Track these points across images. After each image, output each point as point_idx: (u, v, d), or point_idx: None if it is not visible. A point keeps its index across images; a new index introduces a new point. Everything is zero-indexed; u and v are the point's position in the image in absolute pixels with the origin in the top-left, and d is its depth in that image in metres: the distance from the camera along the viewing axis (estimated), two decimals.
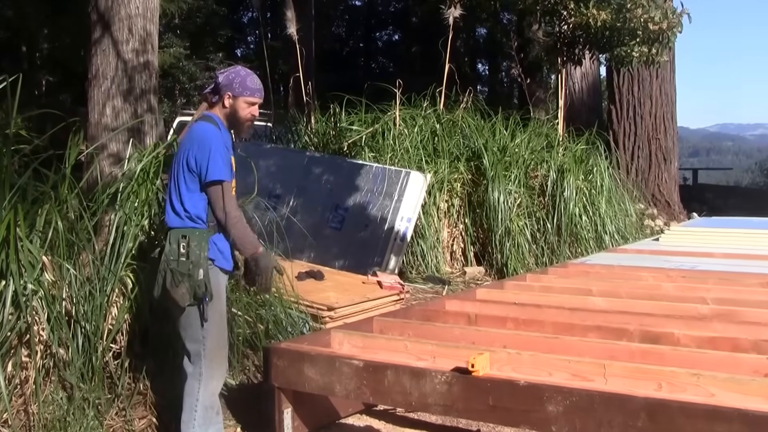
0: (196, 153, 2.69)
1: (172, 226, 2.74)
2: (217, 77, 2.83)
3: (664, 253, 5.08)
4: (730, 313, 3.23)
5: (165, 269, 2.70)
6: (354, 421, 3.23)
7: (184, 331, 2.78)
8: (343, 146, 7.17)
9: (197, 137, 2.73)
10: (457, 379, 2.38)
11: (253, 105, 2.82)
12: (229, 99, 2.78)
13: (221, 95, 2.79)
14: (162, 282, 2.71)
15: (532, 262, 6.77)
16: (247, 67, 2.95)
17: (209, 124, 2.76)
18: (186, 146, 2.75)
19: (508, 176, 6.95)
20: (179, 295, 2.67)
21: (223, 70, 2.87)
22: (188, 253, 2.67)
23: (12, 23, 13.14)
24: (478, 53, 23.09)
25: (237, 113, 2.80)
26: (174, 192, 2.75)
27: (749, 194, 15.20)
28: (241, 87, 2.78)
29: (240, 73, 2.81)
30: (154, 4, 4.92)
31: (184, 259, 2.67)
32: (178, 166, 2.75)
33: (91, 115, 4.78)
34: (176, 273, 2.67)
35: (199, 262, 2.68)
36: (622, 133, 10.54)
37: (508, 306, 3.49)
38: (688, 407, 2.09)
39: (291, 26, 7.53)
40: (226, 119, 2.82)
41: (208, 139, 2.70)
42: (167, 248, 2.71)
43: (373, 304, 4.82)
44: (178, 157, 2.76)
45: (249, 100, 2.80)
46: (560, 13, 6.99)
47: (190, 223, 2.72)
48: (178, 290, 2.66)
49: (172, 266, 2.68)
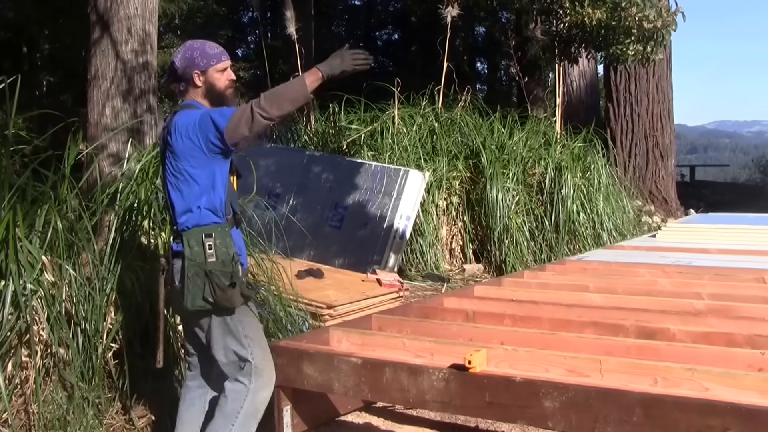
0: (195, 129, 2.43)
1: (188, 226, 2.47)
2: (172, 63, 2.56)
3: (661, 249, 5.09)
4: (725, 308, 3.24)
5: (197, 274, 2.42)
6: (353, 418, 3.24)
7: (221, 342, 2.53)
8: (342, 145, 7.20)
9: (187, 121, 2.46)
10: (454, 375, 2.39)
11: (225, 70, 2.57)
12: (199, 77, 2.53)
13: (188, 78, 2.54)
14: (201, 289, 2.42)
15: (531, 259, 6.80)
16: (246, 67, 2.90)
17: (192, 110, 2.51)
18: (180, 134, 2.46)
19: (506, 174, 6.98)
20: (230, 297, 2.43)
21: (176, 54, 2.58)
22: (216, 252, 2.44)
23: (12, 24, 13.14)
24: (476, 52, 23.09)
25: (214, 87, 2.55)
26: (179, 191, 2.49)
27: (746, 190, 15.22)
28: (204, 58, 2.52)
29: (194, 46, 2.55)
30: (153, 5, 4.94)
31: (213, 259, 2.43)
32: (179, 162, 2.48)
33: (90, 116, 4.81)
34: (216, 275, 2.41)
35: (229, 259, 2.47)
36: (620, 130, 10.56)
37: (505, 303, 3.50)
38: (682, 402, 2.09)
39: (291, 26, 7.54)
40: (205, 99, 2.56)
41: (195, 112, 2.48)
42: (188, 252, 2.44)
43: (372, 301, 4.84)
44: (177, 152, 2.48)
45: (219, 68, 2.54)
46: (556, 12, 7.01)
47: (210, 218, 2.48)
48: (227, 293, 2.42)
49: (209, 268, 2.41)
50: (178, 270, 2.51)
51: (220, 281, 2.42)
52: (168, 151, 2.52)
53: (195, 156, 2.46)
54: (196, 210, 2.48)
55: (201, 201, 2.48)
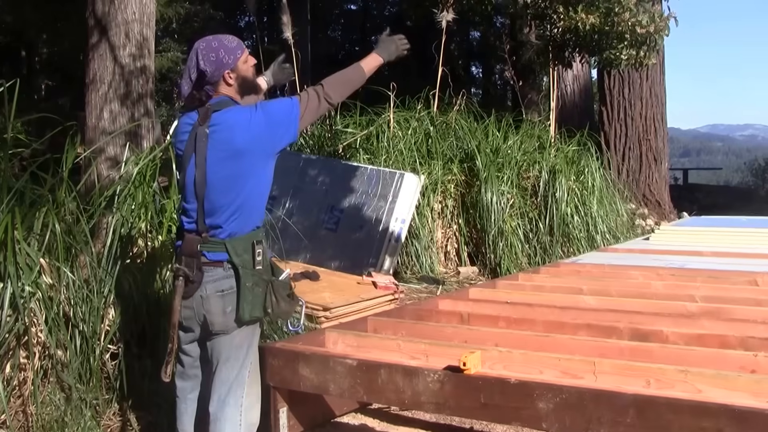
0: (263, 126, 2.35)
1: (236, 232, 2.36)
2: (203, 71, 2.38)
3: (655, 252, 5.12)
4: (718, 310, 3.26)
5: (257, 284, 2.35)
6: (349, 420, 3.26)
7: (243, 357, 2.45)
8: (338, 148, 7.22)
9: (248, 117, 2.36)
10: (449, 377, 2.41)
11: (248, 59, 2.49)
12: (230, 75, 2.41)
13: (219, 80, 2.41)
14: (261, 299, 2.36)
15: (525, 262, 6.83)
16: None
17: (240, 106, 2.42)
18: (241, 131, 2.34)
19: (500, 177, 7.01)
20: (288, 309, 2.43)
21: (195, 60, 2.40)
22: (263, 259, 2.37)
23: (11, 28, 13.14)
24: (471, 56, 23.15)
25: (245, 78, 2.46)
26: (233, 193, 2.36)
27: (738, 193, 15.29)
28: (229, 54, 2.41)
29: (212, 45, 2.40)
30: (150, 10, 4.97)
31: (261, 267, 2.36)
32: (238, 161, 2.34)
33: (88, 119, 4.83)
34: (278, 286, 2.38)
35: (268, 266, 2.41)
36: (613, 134, 10.61)
37: (500, 305, 3.52)
38: (675, 403, 2.11)
39: (287, 30, 7.57)
40: (238, 93, 2.47)
41: (251, 108, 2.39)
42: (237, 260, 2.33)
43: (367, 304, 4.86)
44: (239, 151, 2.34)
45: (243, 59, 2.45)
46: (550, 16, 7.06)
47: (257, 222, 2.41)
48: (287, 304, 2.41)
49: (265, 277, 2.36)
50: (214, 279, 2.37)
51: (280, 292, 2.39)
52: (215, 150, 2.35)
53: (259, 154, 2.37)
54: (246, 215, 2.38)
55: (257, 203, 2.42)
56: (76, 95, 9.97)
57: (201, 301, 2.39)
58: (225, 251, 2.35)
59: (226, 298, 2.37)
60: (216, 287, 2.37)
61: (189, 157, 2.40)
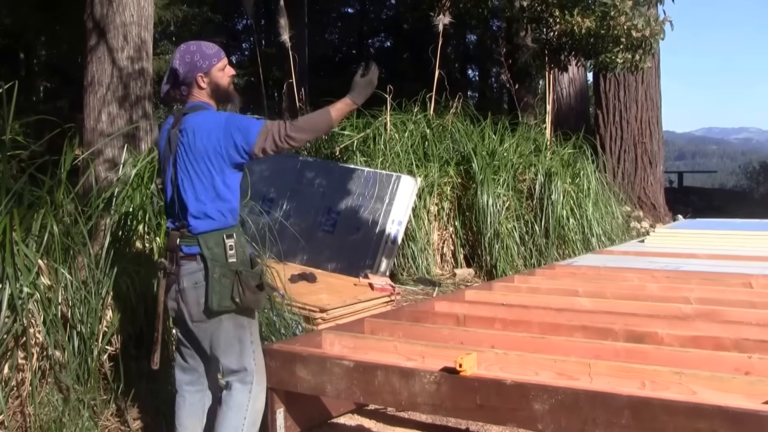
0: (219, 134, 2.43)
1: (205, 229, 2.46)
2: (173, 71, 2.53)
3: (649, 254, 5.13)
4: (712, 312, 3.28)
5: (224, 275, 2.42)
6: (345, 421, 3.27)
7: (235, 346, 2.53)
8: (335, 151, 7.24)
9: (209, 122, 2.46)
10: (445, 378, 2.43)
11: (225, 67, 2.57)
12: (203, 79, 2.52)
13: (191, 82, 2.52)
14: (229, 290, 2.42)
15: (521, 264, 6.85)
16: (241, 73, 2.90)
17: (210, 112, 2.53)
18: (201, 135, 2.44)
19: (496, 180, 7.03)
20: (258, 299, 2.49)
21: (174, 60, 2.54)
22: (236, 252, 2.46)
23: (10, 30, 13.12)
24: (468, 59, 23.16)
25: (218, 85, 2.55)
26: (195, 193, 2.46)
27: (733, 196, 15.33)
28: (205, 59, 2.51)
29: (191, 49, 2.53)
30: (148, 12, 4.98)
31: (234, 260, 2.45)
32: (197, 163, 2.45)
33: (87, 121, 4.84)
34: (245, 276, 2.43)
35: (248, 259, 2.51)
36: (609, 137, 10.65)
37: (496, 307, 3.54)
38: (670, 405, 2.13)
39: (284, 33, 7.59)
40: (211, 99, 2.56)
41: (218, 115, 2.50)
42: (207, 252, 2.43)
43: (364, 305, 4.88)
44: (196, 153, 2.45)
45: (220, 66, 2.55)
46: (546, 20, 7.08)
47: (228, 221, 2.49)
48: (255, 294, 2.47)
49: (236, 268, 2.43)
50: (189, 272, 2.48)
51: (248, 282, 2.45)
52: (182, 152, 2.48)
53: (214, 159, 2.45)
54: (215, 213, 2.47)
55: (218, 204, 2.48)
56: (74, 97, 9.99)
57: (179, 293, 2.52)
58: (197, 245, 2.47)
59: (199, 290, 2.47)
60: (190, 280, 2.49)
61: (167, 159, 2.54)
